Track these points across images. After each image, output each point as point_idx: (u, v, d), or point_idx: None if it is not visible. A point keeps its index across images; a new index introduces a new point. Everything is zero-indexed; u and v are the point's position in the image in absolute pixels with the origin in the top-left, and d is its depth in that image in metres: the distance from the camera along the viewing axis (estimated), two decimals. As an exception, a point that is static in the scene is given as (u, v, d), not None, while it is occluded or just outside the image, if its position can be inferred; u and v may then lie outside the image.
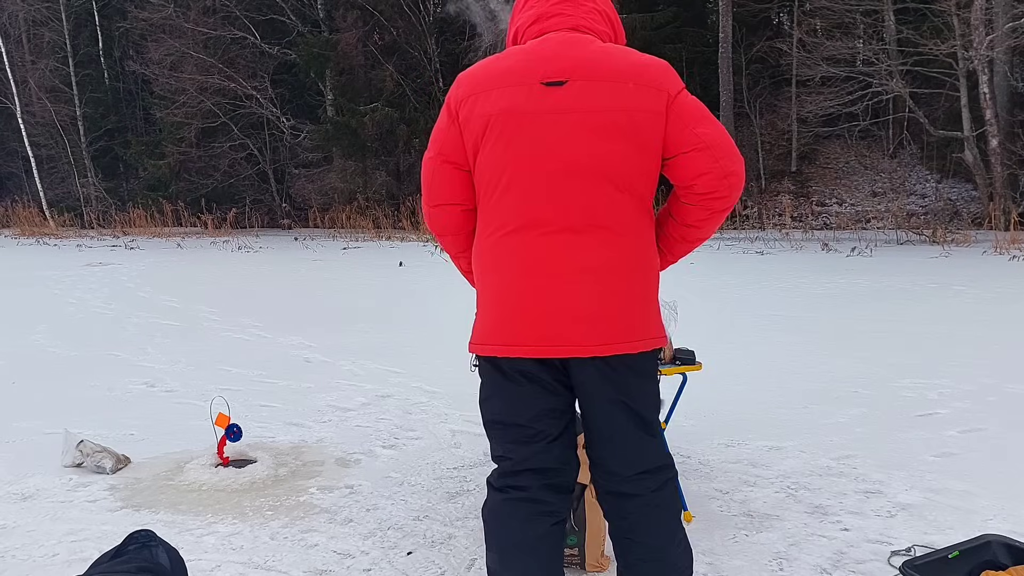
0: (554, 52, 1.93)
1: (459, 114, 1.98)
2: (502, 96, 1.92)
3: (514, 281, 1.92)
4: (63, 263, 13.13)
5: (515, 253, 1.92)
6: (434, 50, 18.62)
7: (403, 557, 2.76)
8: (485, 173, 1.96)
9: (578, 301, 1.89)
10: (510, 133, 1.91)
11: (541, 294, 1.90)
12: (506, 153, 1.91)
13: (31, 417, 4.43)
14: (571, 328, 1.89)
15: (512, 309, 1.93)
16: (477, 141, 1.95)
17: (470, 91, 1.97)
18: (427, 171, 2.06)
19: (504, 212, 1.94)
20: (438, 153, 2.03)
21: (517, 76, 1.92)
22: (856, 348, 5.70)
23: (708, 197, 1.96)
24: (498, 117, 1.91)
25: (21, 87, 22.94)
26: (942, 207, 14.00)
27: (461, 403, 4.65)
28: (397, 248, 14.80)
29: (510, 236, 1.93)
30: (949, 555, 2.39)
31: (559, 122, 1.88)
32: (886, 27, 14.73)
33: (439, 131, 2.04)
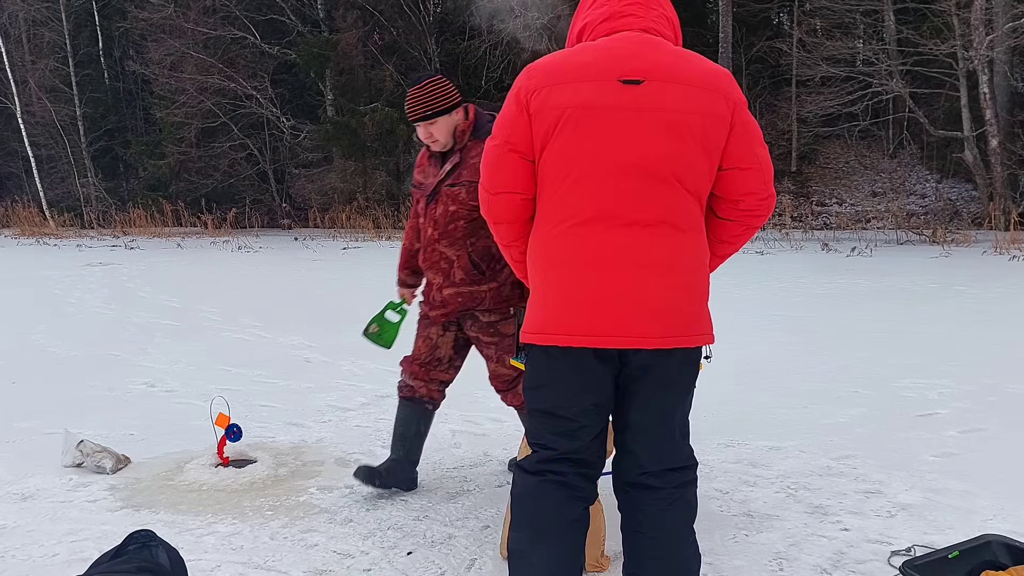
0: (632, 51, 1.98)
1: (529, 104, 1.99)
2: (579, 90, 1.95)
3: (580, 272, 1.96)
4: (63, 263, 13.13)
5: (583, 245, 1.96)
6: (434, 50, 18.61)
7: (403, 557, 2.76)
8: (554, 164, 1.99)
9: (644, 294, 1.95)
10: (584, 127, 1.94)
11: (607, 286, 1.94)
12: (579, 146, 1.95)
13: (31, 417, 4.43)
14: (635, 320, 1.94)
15: (577, 299, 1.96)
16: (548, 132, 1.97)
17: (543, 82, 1.98)
18: (491, 158, 2.07)
19: (573, 204, 1.97)
20: (505, 141, 2.03)
21: (595, 71, 1.96)
22: (856, 348, 5.70)
23: (750, 214, 2.09)
24: (574, 110, 1.94)
25: (21, 87, 22.93)
26: (942, 207, 14.00)
27: (461, 403, 4.65)
28: (397, 248, 14.78)
29: (579, 227, 1.96)
30: (949, 555, 2.39)
31: (633, 119, 1.94)
32: (886, 27, 14.73)
33: (506, 119, 2.04)
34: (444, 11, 19.39)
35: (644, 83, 1.94)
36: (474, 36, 18.06)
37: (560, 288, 1.99)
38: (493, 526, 2.96)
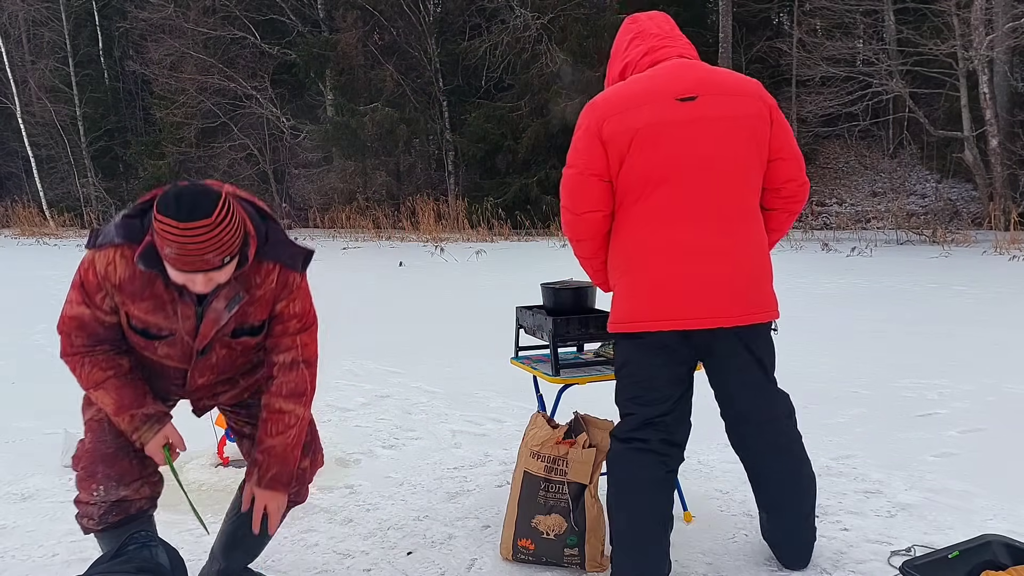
0: (680, 74, 2.36)
1: (602, 131, 2.32)
2: (643, 112, 2.29)
3: (669, 265, 2.29)
4: (63, 263, 13.12)
5: (670, 241, 2.29)
6: (434, 50, 18.61)
7: (403, 557, 2.76)
8: (633, 177, 2.31)
9: (722, 278, 2.30)
10: (656, 141, 2.28)
11: (692, 275, 2.28)
12: (654, 157, 2.28)
13: (31, 417, 4.43)
14: (721, 302, 2.29)
15: (663, 290, 2.30)
16: (623, 152, 2.30)
17: (610, 111, 2.33)
18: (573, 184, 2.39)
19: (656, 206, 2.30)
20: (585, 168, 2.35)
21: (654, 95, 2.32)
22: (856, 348, 5.70)
23: (791, 200, 2.47)
24: (644, 129, 2.28)
25: (21, 87, 22.95)
26: (942, 207, 14.00)
27: (461, 403, 4.66)
28: (397, 248, 14.81)
29: (661, 227, 2.30)
30: (949, 555, 2.39)
31: (696, 129, 2.29)
32: (886, 27, 14.73)
33: (580, 150, 2.37)
34: (444, 11, 19.39)
35: (698, 99, 2.30)
36: (474, 36, 18.05)
37: (653, 281, 2.31)
38: (493, 526, 2.96)
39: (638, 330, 2.35)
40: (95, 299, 2.13)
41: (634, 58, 2.48)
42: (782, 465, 2.48)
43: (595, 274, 2.58)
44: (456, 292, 9.40)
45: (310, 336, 2.31)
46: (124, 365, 2.21)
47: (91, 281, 2.13)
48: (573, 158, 2.39)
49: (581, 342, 3.05)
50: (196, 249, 1.89)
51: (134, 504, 2.31)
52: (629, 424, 2.43)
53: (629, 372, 2.43)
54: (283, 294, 2.21)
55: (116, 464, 2.28)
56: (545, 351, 3.05)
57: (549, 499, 2.61)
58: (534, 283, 3.46)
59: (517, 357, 3.10)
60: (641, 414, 2.40)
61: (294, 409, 2.29)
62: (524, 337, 3.10)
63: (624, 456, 2.41)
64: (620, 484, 2.40)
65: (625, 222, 2.37)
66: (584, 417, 2.73)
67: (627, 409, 2.44)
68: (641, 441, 2.39)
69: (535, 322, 2.96)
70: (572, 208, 2.41)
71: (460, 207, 16.84)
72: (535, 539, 2.61)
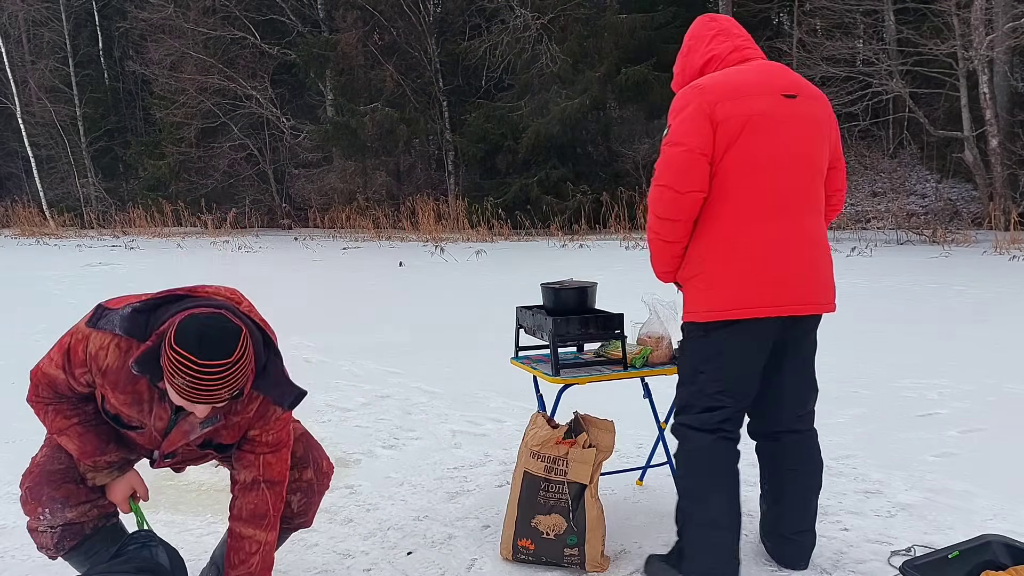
0: (780, 73, 2.47)
1: (715, 113, 2.33)
2: (756, 102, 2.36)
3: (768, 253, 2.36)
4: (63, 263, 13.12)
5: (768, 230, 2.35)
6: (434, 50, 18.60)
7: (403, 557, 2.76)
8: (739, 163, 2.35)
9: (815, 269, 2.42)
10: (764, 131, 2.35)
11: (789, 263, 2.37)
12: (761, 147, 2.34)
13: (31, 417, 4.42)
14: (811, 290, 2.41)
15: (772, 276, 2.36)
16: (734, 136, 2.34)
17: (722, 96, 2.35)
18: (682, 162, 2.35)
19: (755, 196, 2.35)
20: (696, 147, 2.34)
21: (763, 87, 2.39)
22: (856, 348, 5.69)
23: (833, 210, 2.62)
24: (756, 118, 2.34)
25: (21, 87, 22.94)
26: (942, 207, 13.99)
27: (461, 403, 4.65)
28: (397, 248, 14.80)
29: (762, 216, 2.36)
30: (949, 555, 2.39)
31: (797, 126, 2.39)
32: (886, 27, 14.73)
33: (692, 129, 2.35)
34: (444, 11, 19.38)
35: (798, 98, 2.42)
36: (474, 36, 18.05)
37: (749, 268, 2.36)
38: (493, 526, 2.96)
39: (741, 317, 2.37)
40: (75, 371, 2.13)
41: (721, 53, 2.53)
42: (812, 467, 2.60)
43: (671, 260, 2.52)
44: (456, 292, 9.40)
45: (277, 458, 2.24)
46: (88, 411, 2.20)
47: (78, 355, 2.11)
48: (679, 136, 2.36)
49: (581, 342, 3.05)
50: (209, 386, 1.90)
51: (85, 526, 2.27)
52: (720, 416, 2.45)
53: (721, 363, 2.43)
54: (258, 424, 2.19)
55: (62, 486, 2.26)
56: (545, 351, 3.05)
57: (549, 499, 2.61)
58: (534, 283, 3.46)
59: (517, 357, 3.10)
60: (733, 406, 2.45)
61: (254, 534, 2.22)
62: (524, 337, 3.10)
63: (713, 446, 2.45)
64: (712, 476, 2.45)
65: (725, 208, 2.37)
66: (584, 417, 2.73)
67: (717, 401, 2.45)
68: (727, 432, 2.45)
69: (535, 322, 2.96)
70: (676, 186, 2.36)
71: (460, 207, 16.84)
72: (535, 539, 2.61)
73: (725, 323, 2.39)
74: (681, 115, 2.38)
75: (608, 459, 2.74)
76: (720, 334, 2.42)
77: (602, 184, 16.00)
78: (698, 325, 2.46)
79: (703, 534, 2.44)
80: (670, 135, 2.39)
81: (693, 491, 2.48)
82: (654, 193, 2.43)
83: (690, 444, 2.49)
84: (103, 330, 2.08)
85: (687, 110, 2.37)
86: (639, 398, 3.07)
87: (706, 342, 2.45)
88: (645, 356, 2.89)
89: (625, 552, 2.75)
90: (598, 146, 17.55)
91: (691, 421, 2.49)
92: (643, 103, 16.39)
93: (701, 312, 2.43)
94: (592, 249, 13.17)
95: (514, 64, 16.98)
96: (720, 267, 2.39)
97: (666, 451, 3.09)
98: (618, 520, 2.95)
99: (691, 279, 2.47)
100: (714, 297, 2.41)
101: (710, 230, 2.41)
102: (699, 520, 2.44)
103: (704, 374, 2.46)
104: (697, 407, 2.48)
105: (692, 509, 2.47)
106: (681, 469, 2.53)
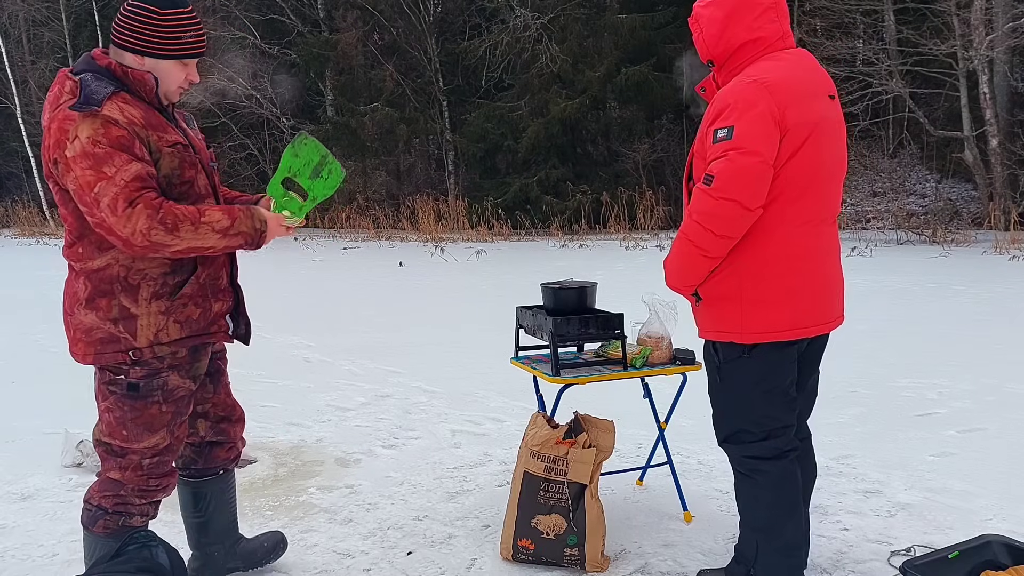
0: (819, 68, 2.28)
1: (785, 119, 2.11)
2: (815, 106, 2.18)
3: (819, 267, 2.26)
4: (63, 263, 13.09)
5: (818, 242, 2.24)
6: (434, 50, 18.59)
7: (403, 557, 2.76)
8: (797, 173, 2.15)
9: (840, 280, 2.38)
10: (821, 139, 2.17)
11: (830, 276, 2.31)
12: (816, 157, 2.17)
13: (31, 417, 4.43)
14: (838, 302, 2.35)
15: (814, 293, 2.25)
16: (797, 147, 2.13)
17: (790, 99, 2.13)
18: (756, 175, 2.09)
19: (808, 207, 2.20)
20: (769, 158, 2.10)
21: (816, 88, 2.21)
22: (855, 348, 5.69)
23: None
24: (818, 124, 2.16)
25: (21, 87, 22.92)
26: (942, 207, 13.97)
27: (461, 403, 4.65)
28: (397, 248, 14.79)
29: (813, 227, 2.22)
30: (949, 555, 2.39)
31: (839, 131, 2.27)
32: (886, 27, 14.73)
33: (764, 135, 2.09)
34: (444, 11, 19.37)
35: (835, 98, 2.27)
36: (474, 36, 18.04)
37: (806, 284, 2.23)
38: (493, 526, 2.96)
39: (804, 336, 2.24)
40: (135, 151, 2.07)
41: (769, 36, 2.22)
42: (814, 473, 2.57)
43: (704, 275, 2.27)
44: (456, 292, 9.40)
45: None
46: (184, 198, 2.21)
47: (123, 135, 2.05)
48: (752, 143, 2.07)
49: (581, 342, 3.05)
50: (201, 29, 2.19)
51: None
52: (785, 438, 2.31)
53: (772, 384, 2.27)
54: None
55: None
56: (545, 351, 3.05)
57: (549, 499, 2.61)
58: (534, 283, 3.46)
59: (517, 357, 3.10)
60: (792, 423, 2.34)
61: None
62: (524, 337, 3.10)
63: (790, 470, 2.33)
64: (791, 501, 2.33)
65: (781, 221, 2.17)
66: (584, 417, 2.73)
67: (779, 422, 2.30)
68: (793, 450, 2.35)
69: (535, 322, 2.96)
70: (747, 202, 2.09)
71: (460, 207, 16.82)
72: (535, 539, 2.61)
73: (778, 344, 2.23)
74: (748, 116, 2.08)
75: (608, 459, 2.74)
76: (767, 352, 2.24)
77: (602, 184, 15.99)
78: (739, 346, 2.26)
79: (781, 559, 2.34)
80: (741, 140, 2.07)
81: (766, 522, 2.34)
82: (715, 207, 2.10)
83: (763, 477, 2.32)
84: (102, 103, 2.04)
85: (755, 110, 2.08)
86: (639, 398, 3.07)
87: (752, 362, 2.26)
88: (645, 356, 2.89)
89: (625, 552, 2.75)
90: (598, 146, 17.54)
91: (758, 451, 2.32)
92: (643, 103, 16.39)
93: (749, 333, 2.22)
94: (592, 249, 13.17)
95: (514, 64, 16.97)
96: (772, 284, 2.20)
97: (666, 451, 3.09)
98: (618, 520, 2.95)
99: (728, 298, 2.25)
100: (767, 316, 2.21)
101: (758, 245, 2.18)
102: (776, 547, 2.33)
103: (756, 396, 2.29)
104: (757, 434, 2.31)
105: (766, 538, 2.35)
106: (752, 502, 2.37)
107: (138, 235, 2.01)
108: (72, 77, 2.10)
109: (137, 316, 2.15)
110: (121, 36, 2.14)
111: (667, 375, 2.94)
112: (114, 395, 2.19)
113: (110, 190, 2.00)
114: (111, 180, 2.00)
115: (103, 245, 2.12)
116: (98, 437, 2.24)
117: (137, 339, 2.15)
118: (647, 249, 12.44)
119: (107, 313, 2.14)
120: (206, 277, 2.25)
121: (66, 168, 2.03)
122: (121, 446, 2.20)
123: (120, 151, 2.03)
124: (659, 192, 15.01)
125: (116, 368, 2.17)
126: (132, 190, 2.02)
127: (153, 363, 2.18)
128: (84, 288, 2.16)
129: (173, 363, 2.22)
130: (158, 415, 2.20)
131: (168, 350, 2.19)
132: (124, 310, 2.14)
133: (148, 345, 2.16)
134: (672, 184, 15.95)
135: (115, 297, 2.14)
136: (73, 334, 2.20)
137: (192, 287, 2.21)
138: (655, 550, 2.75)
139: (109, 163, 2.01)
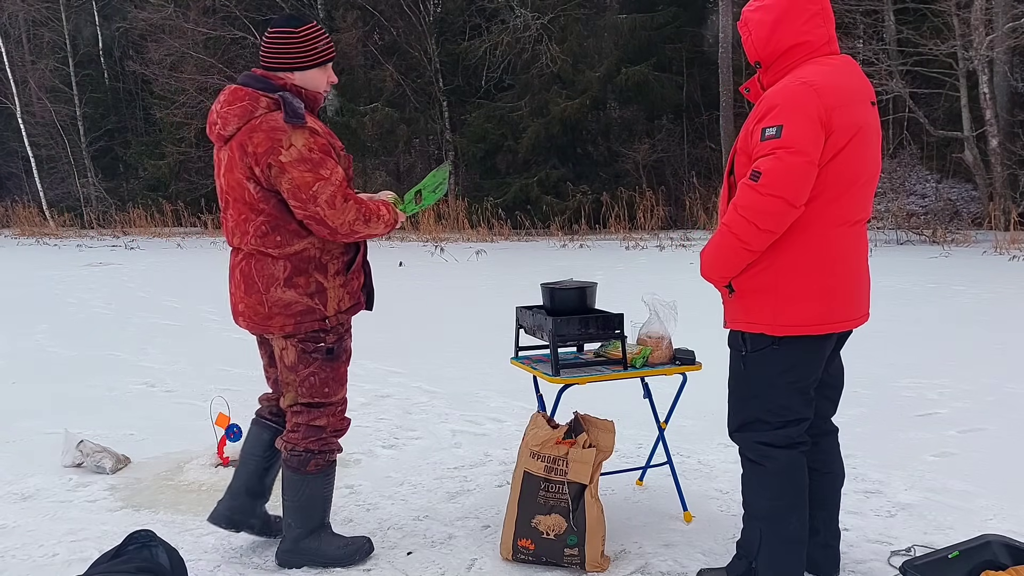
0: (862, 74, 2.35)
1: (831, 121, 2.18)
2: (858, 111, 2.25)
3: (853, 266, 2.33)
4: (63, 263, 13.12)
5: (853, 242, 2.32)
6: (434, 50, 18.59)
7: (403, 557, 2.76)
8: (837, 174, 2.23)
9: (868, 278, 2.44)
10: (863, 144, 2.25)
11: (860, 275, 2.37)
12: (856, 160, 2.25)
13: (31, 417, 4.43)
14: (865, 299, 2.42)
15: (846, 290, 2.32)
16: (839, 149, 2.21)
17: (838, 101, 2.20)
18: (803, 173, 2.17)
19: (845, 208, 2.27)
20: (815, 158, 2.18)
21: (860, 94, 2.29)
22: (855, 348, 5.67)
23: None
24: (861, 129, 2.24)
25: (21, 87, 22.92)
26: (942, 207, 13.97)
27: (461, 403, 4.65)
28: (397, 248, 14.79)
29: (849, 227, 2.30)
30: (949, 555, 2.39)
31: (878, 137, 2.33)
32: (886, 27, 14.73)
33: (810, 136, 2.17)
34: (444, 11, 19.37)
35: (875, 105, 2.34)
36: (474, 36, 18.04)
37: (840, 284, 2.30)
38: (493, 526, 2.96)
39: (829, 331, 2.32)
40: (334, 156, 2.53)
41: (815, 41, 2.29)
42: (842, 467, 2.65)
43: (740, 267, 2.33)
44: (456, 292, 9.40)
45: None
46: None
47: (325, 143, 2.50)
48: (801, 143, 2.15)
49: (581, 342, 3.05)
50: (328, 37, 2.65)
51: None
52: (800, 429, 2.39)
53: (796, 377, 2.35)
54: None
55: None
56: (545, 351, 3.05)
57: (549, 499, 2.61)
58: (534, 283, 3.46)
59: (517, 357, 3.10)
60: (808, 416, 2.40)
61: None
62: (524, 337, 3.10)
63: (798, 461, 2.39)
64: (797, 494, 2.39)
65: (819, 220, 2.24)
66: (584, 417, 2.73)
67: (797, 414, 2.37)
68: (804, 443, 2.41)
69: (535, 322, 2.96)
70: (793, 200, 2.17)
71: (460, 207, 16.83)
72: (535, 539, 2.61)
73: (807, 337, 2.31)
74: (797, 116, 2.16)
75: (608, 459, 2.74)
76: (798, 349, 2.32)
77: (602, 184, 15.99)
78: (768, 337, 2.33)
79: (784, 552, 2.37)
80: (789, 139, 2.15)
81: (771, 512, 2.38)
82: (761, 202, 2.18)
83: (772, 464, 2.37)
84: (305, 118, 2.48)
85: (804, 112, 2.16)
86: (639, 398, 3.07)
87: (780, 353, 2.33)
88: (645, 356, 2.89)
89: (625, 552, 2.75)
90: (598, 146, 17.53)
91: (771, 439, 2.37)
92: (643, 103, 16.39)
93: (780, 325, 2.29)
94: (592, 249, 13.17)
95: (514, 64, 16.97)
96: (807, 279, 2.27)
97: (666, 451, 3.09)
98: (618, 520, 2.95)
99: (763, 291, 2.31)
100: (801, 311, 2.28)
101: (796, 242, 2.26)
102: (781, 538, 2.36)
103: (779, 387, 2.34)
104: (772, 423, 2.36)
105: (770, 529, 2.38)
106: (758, 490, 2.41)
107: (345, 225, 2.49)
108: (267, 95, 2.50)
109: (327, 289, 2.58)
110: (272, 59, 2.58)
111: (667, 375, 2.94)
112: (316, 361, 2.61)
113: (328, 189, 2.45)
114: (328, 180, 2.45)
115: (299, 233, 2.52)
116: (296, 400, 2.64)
117: (327, 308, 2.58)
118: (647, 249, 12.45)
119: (305, 288, 2.56)
120: (362, 256, 2.70)
121: (281, 170, 2.43)
122: (324, 400, 2.64)
123: (328, 156, 2.49)
124: (659, 192, 15.00)
125: (315, 336, 2.59)
126: (345, 188, 2.49)
127: (338, 328, 2.64)
128: (284, 269, 2.55)
129: (347, 328, 2.69)
130: (344, 372, 2.70)
131: (345, 317, 2.66)
132: (319, 285, 2.57)
133: (334, 314, 2.60)
134: (672, 184, 15.95)
135: (311, 275, 2.56)
136: (269, 310, 2.57)
137: (357, 265, 2.67)
138: (655, 550, 2.75)
139: (323, 166, 2.46)
